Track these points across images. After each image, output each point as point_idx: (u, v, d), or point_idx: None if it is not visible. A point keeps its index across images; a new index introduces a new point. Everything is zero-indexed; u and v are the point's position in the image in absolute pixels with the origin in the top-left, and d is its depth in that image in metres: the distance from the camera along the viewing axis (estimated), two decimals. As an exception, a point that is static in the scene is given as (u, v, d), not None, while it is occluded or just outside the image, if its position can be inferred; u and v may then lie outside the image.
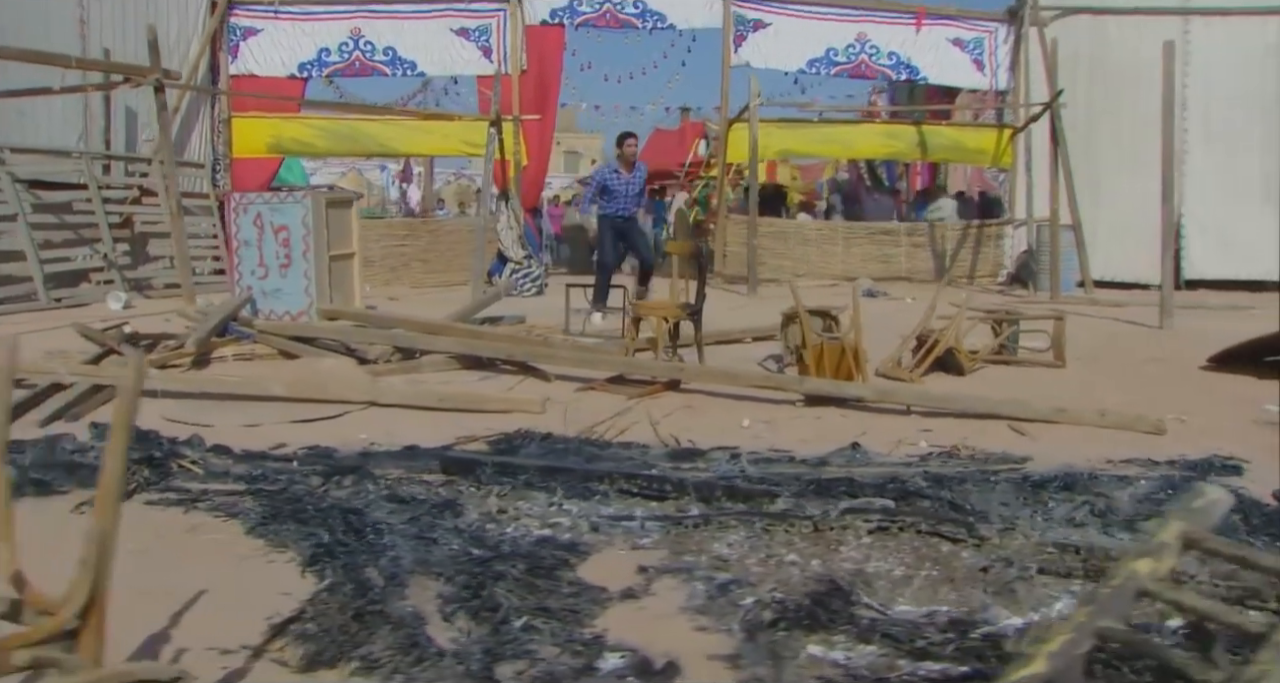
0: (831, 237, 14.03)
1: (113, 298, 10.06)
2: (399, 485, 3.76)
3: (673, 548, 3.02)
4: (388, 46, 13.01)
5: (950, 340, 6.03)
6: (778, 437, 4.83)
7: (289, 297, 8.81)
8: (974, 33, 13.73)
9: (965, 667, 2.17)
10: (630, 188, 9.54)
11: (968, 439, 4.70)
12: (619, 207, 9.51)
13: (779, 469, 4.05)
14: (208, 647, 2.38)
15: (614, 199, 9.50)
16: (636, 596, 2.64)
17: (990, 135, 13.85)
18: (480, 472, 3.81)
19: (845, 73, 13.83)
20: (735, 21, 13.30)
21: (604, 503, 3.50)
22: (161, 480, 3.90)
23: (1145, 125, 13.39)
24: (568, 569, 2.81)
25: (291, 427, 5.00)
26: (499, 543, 3.05)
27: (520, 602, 2.57)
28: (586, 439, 4.60)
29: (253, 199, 9.51)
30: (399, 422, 5.07)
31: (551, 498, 3.49)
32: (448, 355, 6.26)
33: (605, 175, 9.76)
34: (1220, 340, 7.59)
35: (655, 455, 4.35)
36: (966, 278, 13.75)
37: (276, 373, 5.71)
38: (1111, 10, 13.46)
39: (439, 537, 3.10)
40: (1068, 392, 5.71)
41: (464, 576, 2.75)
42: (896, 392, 5.31)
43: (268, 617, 2.55)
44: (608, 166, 10.05)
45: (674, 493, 3.51)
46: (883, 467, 4.13)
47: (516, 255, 11.70)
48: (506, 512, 3.38)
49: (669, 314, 6.07)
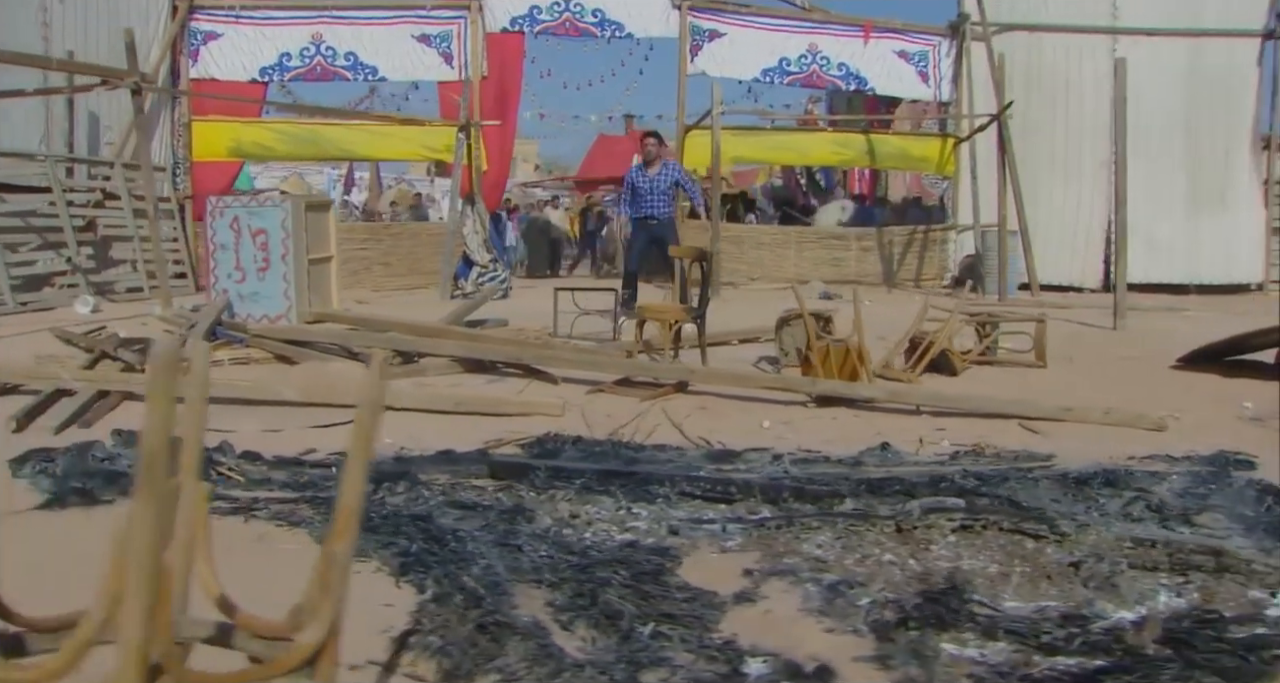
0: (784, 241, 14.30)
1: (80, 302, 9.76)
2: (453, 491, 3.76)
3: (762, 550, 3.09)
4: (349, 52, 12.87)
5: (944, 342, 6.22)
6: (800, 437, 4.94)
7: (267, 300, 8.66)
8: (918, 46, 14.13)
9: (1100, 661, 2.28)
10: (656, 185, 9.37)
11: (984, 438, 4.88)
12: (646, 207, 9.40)
13: (821, 470, 4.16)
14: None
15: (640, 199, 9.41)
16: (752, 599, 2.69)
17: (935, 144, 14.27)
18: (533, 476, 3.83)
19: (798, 82, 14.14)
20: (691, 31, 13.48)
21: (670, 506, 3.55)
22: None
23: (1077, 137, 14.06)
24: (671, 574, 2.86)
25: (313, 432, 4.94)
26: (586, 549, 3.09)
27: (637, 608, 2.60)
28: (619, 442, 4.65)
29: (230, 202, 9.31)
30: (420, 426, 5.04)
31: (618, 502, 3.53)
32: (450, 359, 6.23)
33: (633, 175, 9.58)
34: (1173, 340, 8.00)
35: (693, 457, 4.42)
36: (912, 281, 14.15)
37: (284, 377, 5.61)
38: (1046, 27, 14.00)
39: (522, 544, 3.12)
40: (1057, 391, 5.94)
41: (570, 583, 2.77)
42: (907, 393, 5.47)
43: (381, 630, 2.53)
44: (635, 167, 9.83)
45: (739, 495, 3.59)
46: (918, 466, 4.27)
47: (482, 259, 11.65)
48: (579, 517, 3.41)
49: (673, 316, 6.15)
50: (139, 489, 1.26)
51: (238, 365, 6.50)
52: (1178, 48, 13.59)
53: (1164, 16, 13.66)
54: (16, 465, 4.09)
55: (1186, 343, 7.70)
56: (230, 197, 9.89)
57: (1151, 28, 13.66)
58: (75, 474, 3.93)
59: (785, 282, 13.60)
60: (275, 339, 6.59)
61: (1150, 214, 13.77)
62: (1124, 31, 13.73)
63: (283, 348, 6.39)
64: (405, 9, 13.06)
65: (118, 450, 4.34)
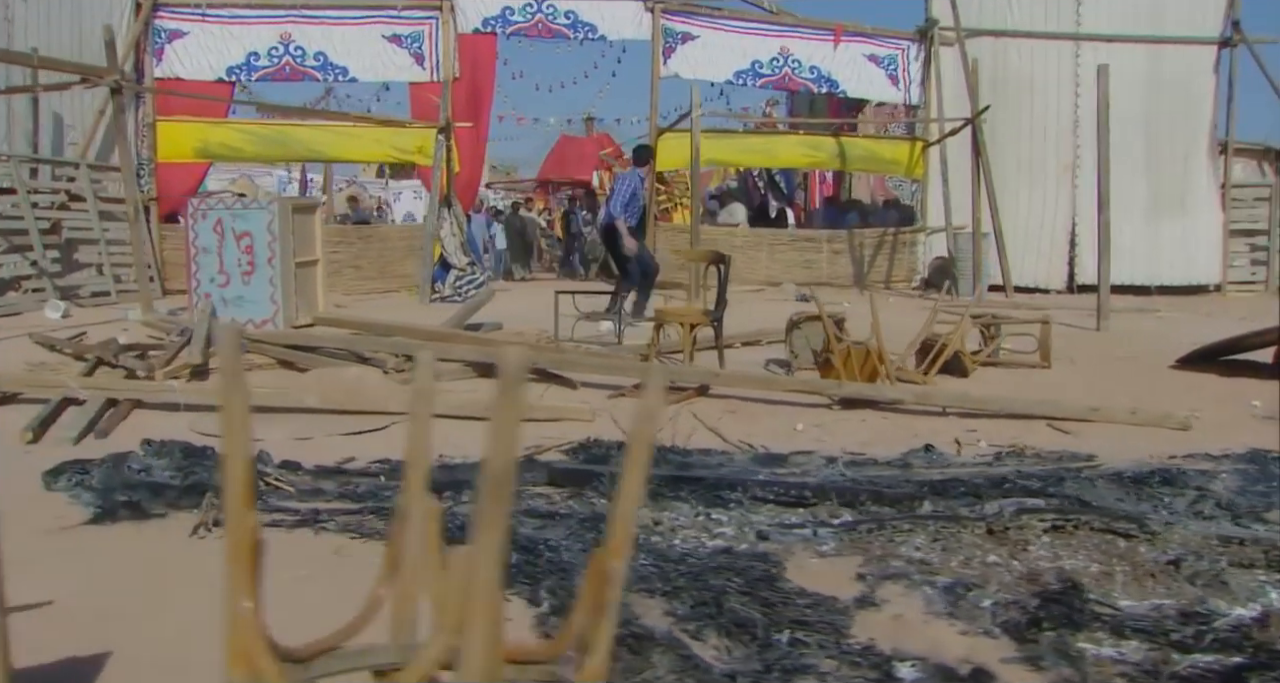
0: (757, 243, 14.37)
1: (50, 307, 9.44)
2: (520, 500, 3.69)
3: (860, 554, 3.08)
4: (318, 52, 12.62)
5: (957, 344, 6.29)
6: (836, 439, 4.96)
7: (252, 304, 8.47)
8: (888, 50, 14.29)
9: (1239, 658, 2.31)
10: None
11: (1016, 439, 4.94)
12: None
13: (873, 472, 4.17)
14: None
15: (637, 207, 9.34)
16: (875, 603, 2.68)
17: (904, 147, 14.45)
18: (598, 483, 3.78)
19: (770, 85, 14.22)
20: (664, 34, 13.47)
21: (745, 511, 3.53)
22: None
23: (1041, 141, 14.33)
24: (783, 579, 2.84)
25: (344, 440, 4.83)
26: (683, 556, 3.05)
27: (764, 616, 2.58)
28: (665, 446, 4.61)
29: (212, 204, 9.10)
30: (453, 432, 4.94)
31: (695, 508, 3.50)
32: (462, 363, 6.14)
33: (637, 183, 9.30)
34: (1160, 340, 8.21)
35: (742, 461, 4.41)
36: (883, 283, 14.29)
37: (303, 383, 5.46)
38: (1011, 33, 14.24)
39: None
40: (1066, 391, 6.04)
41: (686, 592, 2.73)
42: (934, 395, 5.52)
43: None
44: (636, 175, 9.48)
45: (814, 499, 3.58)
46: (965, 467, 4.30)
47: (460, 262, 11.53)
48: (660, 523, 3.37)
49: (691, 319, 6.13)
50: (484, 514, 1.20)
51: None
52: (1138, 54, 13.93)
53: (1125, 23, 13.98)
54: (51, 478, 3.93)
55: (1174, 343, 7.90)
56: (213, 198, 9.65)
57: (1112, 34, 13.98)
58: (114, 487, 3.78)
59: (758, 284, 13.71)
60: (277, 344, 6.42)
61: (1114, 217, 14.08)
62: (1086, 38, 14.01)
63: (286, 353, 6.22)
64: (376, 9, 12.86)
65: (151, 461, 4.18)
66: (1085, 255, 14.22)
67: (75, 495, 3.77)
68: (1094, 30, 14.04)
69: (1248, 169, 14.48)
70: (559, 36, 13.57)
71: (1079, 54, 14.10)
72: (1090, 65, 14.16)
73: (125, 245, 11.60)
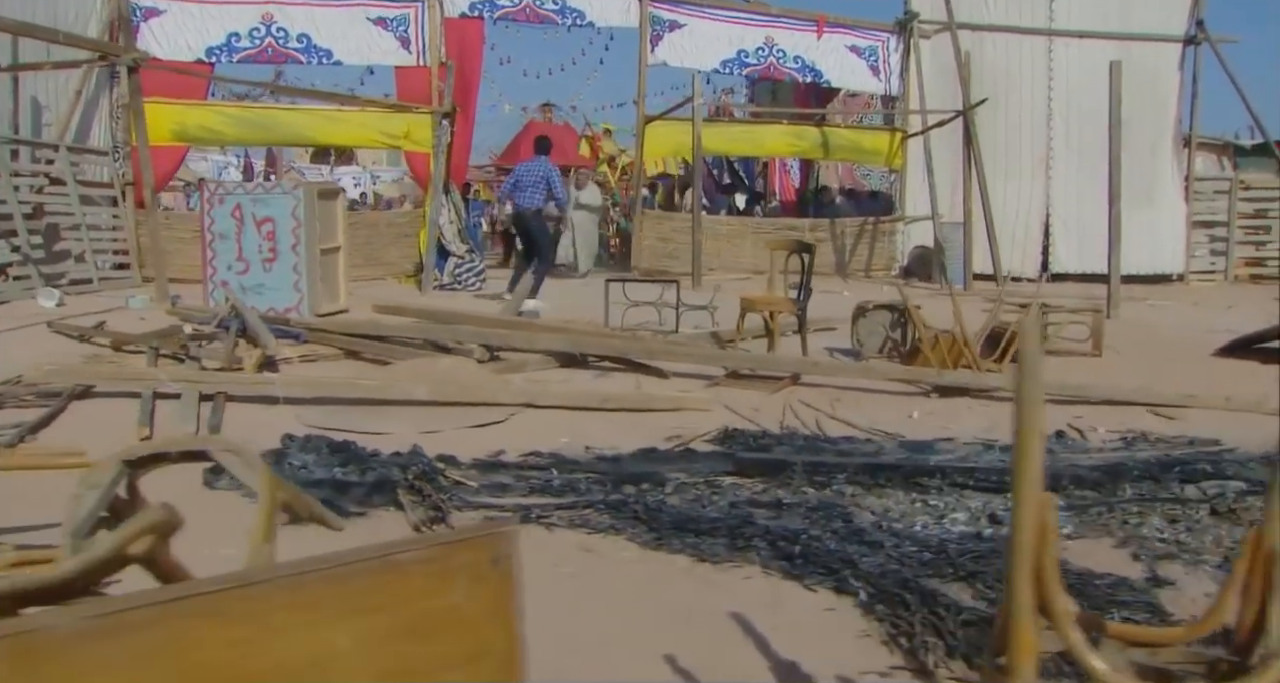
0: (741, 232, 14.44)
1: (44, 295, 8.99)
2: (729, 491, 3.65)
3: (1107, 535, 3.13)
4: (301, 34, 12.20)
5: (1026, 333, 6.40)
6: (955, 426, 5.02)
7: (274, 293, 8.22)
8: (868, 41, 14.48)
9: None
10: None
11: (1121, 423, 5.08)
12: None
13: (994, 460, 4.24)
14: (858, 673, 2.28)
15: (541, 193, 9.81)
16: (1170, 582, 2.73)
17: (884, 138, 14.66)
18: (790, 472, 3.77)
19: (755, 74, 14.29)
20: (652, 21, 13.41)
21: (945, 496, 3.55)
22: (430, 496, 3.60)
23: (1016, 133, 14.70)
24: (1065, 562, 2.87)
25: (472, 432, 4.71)
26: (942, 541, 3.06)
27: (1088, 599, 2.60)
28: (812, 435, 4.62)
29: (231, 189, 8.76)
30: (578, 424, 4.87)
31: (910, 495, 3.51)
32: (544, 353, 6.04)
33: (548, 171, 9.87)
34: (1178, 329, 8.53)
35: (890, 448, 4.43)
36: (863, 272, 14.51)
37: (405, 375, 5.28)
38: (987, 27, 14.56)
39: (880, 540, 3.06)
40: (1130, 377, 6.21)
41: (981, 575, 2.74)
42: (1032, 382, 5.61)
43: (859, 634, 2.46)
44: (544, 163, 10.02)
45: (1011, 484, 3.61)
46: (1104, 452, 4.40)
47: (459, 249, 11.32)
48: (889, 511, 3.38)
49: (777, 308, 6.13)
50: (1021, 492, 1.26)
51: (306, 362, 6.12)
52: (1108, 51, 14.35)
53: (1095, 20, 14.41)
54: (213, 475, 3.74)
55: (1191, 331, 8.26)
56: (231, 182, 9.29)
57: (1083, 31, 14.40)
58: (302, 485, 3.62)
59: (744, 273, 13.78)
60: (341, 334, 6.22)
61: (1084, 208, 14.56)
62: (1059, 33, 14.41)
63: (353, 343, 6.02)
64: (361, -10, 12.50)
65: (306, 458, 4.01)
66: (1060, 245, 14.67)
67: (247, 492, 3.60)
68: (1066, 26, 14.44)
69: (1208, 163, 15.10)
70: (547, 22, 13.40)
71: (1052, 49, 14.50)
72: (1063, 60, 14.61)
73: (100, 231, 11.12)
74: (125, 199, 11.90)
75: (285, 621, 1.40)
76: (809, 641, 2.40)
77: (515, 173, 10.28)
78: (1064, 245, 14.67)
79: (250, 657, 1.38)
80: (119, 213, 11.65)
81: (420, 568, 1.53)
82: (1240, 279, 14.45)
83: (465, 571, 1.60)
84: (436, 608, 1.55)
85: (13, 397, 5.01)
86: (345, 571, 1.46)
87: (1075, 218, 14.64)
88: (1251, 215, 14.53)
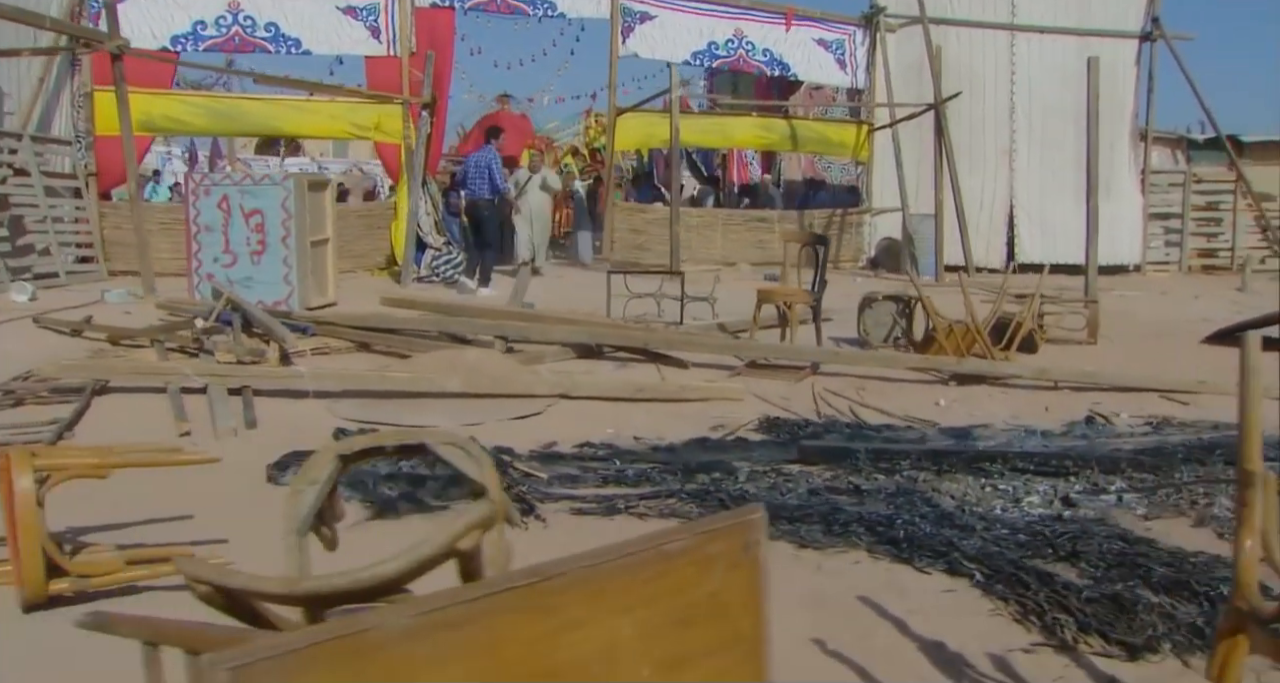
0: (711, 223, 14.53)
1: (17, 289, 8.70)
2: (800, 479, 3.69)
3: (1179, 515, 3.23)
4: (269, 22, 11.94)
5: (1030, 322, 6.56)
6: (981, 413, 5.12)
7: (263, 285, 8.05)
8: (835, 35, 14.63)
9: None
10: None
11: (1139, 409, 5.22)
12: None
13: (1066, 443, 4.35)
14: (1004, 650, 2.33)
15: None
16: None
17: (851, 130, 14.84)
18: (854, 459, 3.82)
19: (725, 66, 14.34)
20: (623, 13, 13.39)
21: (1013, 481, 3.63)
22: (511, 488, 3.58)
23: (980, 127, 14.98)
24: (1154, 545, 2.96)
25: (513, 424, 4.68)
26: (1029, 524, 3.13)
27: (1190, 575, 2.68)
28: (853, 423, 4.68)
29: (217, 180, 8.55)
30: (618, 415, 4.87)
31: (981, 480, 3.58)
32: (561, 345, 6.02)
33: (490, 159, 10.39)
34: (1149, 318, 8.80)
35: (933, 435, 4.51)
36: (832, 263, 14.64)
37: (428, 367, 5.21)
38: (950, 22, 14.80)
39: (973, 524, 3.12)
40: (1128, 364, 6.41)
41: (1086, 556, 2.81)
42: (1048, 370, 5.75)
43: (987, 613, 2.51)
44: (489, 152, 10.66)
45: (1073, 468, 3.71)
46: (1136, 437, 4.53)
47: (436, 242, 11.20)
48: (967, 496, 3.44)
49: (794, 299, 6.19)
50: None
51: (319, 356, 6.02)
52: (1068, 46, 14.70)
53: (1055, 16, 14.74)
54: (278, 471, 3.68)
55: (1170, 319, 8.52)
56: (217, 173, 9.08)
57: (1044, 26, 14.71)
58: (363, 480, 3.57)
59: (714, 264, 13.84)
60: (355, 327, 6.13)
61: (1047, 200, 14.91)
62: (1021, 28, 14.70)
63: (361, 335, 5.92)
64: (329, -22, 12.27)
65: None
66: (1024, 237, 14.99)
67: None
68: (1028, 22, 14.74)
69: (1162, 157, 15.54)
70: (518, 13, 13.29)
71: (1014, 44, 14.79)
72: (1025, 55, 14.91)
73: (63, 223, 10.78)
74: (89, 190, 11.57)
75: (579, 615, 1.40)
76: (942, 620, 2.45)
77: (465, 163, 10.54)
78: (1028, 236, 14.99)
79: (551, 651, 1.37)
80: (82, 204, 11.32)
81: (687, 557, 1.54)
82: (1193, 269, 14.92)
83: (723, 558, 1.61)
84: (700, 596, 1.56)
85: (29, 393, 4.86)
86: (628, 562, 1.46)
87: (1038, 209, 14.98)
88: (1204, 207, 15.01)
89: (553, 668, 1.36)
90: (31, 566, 2.26)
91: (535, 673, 1.35)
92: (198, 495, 3.41)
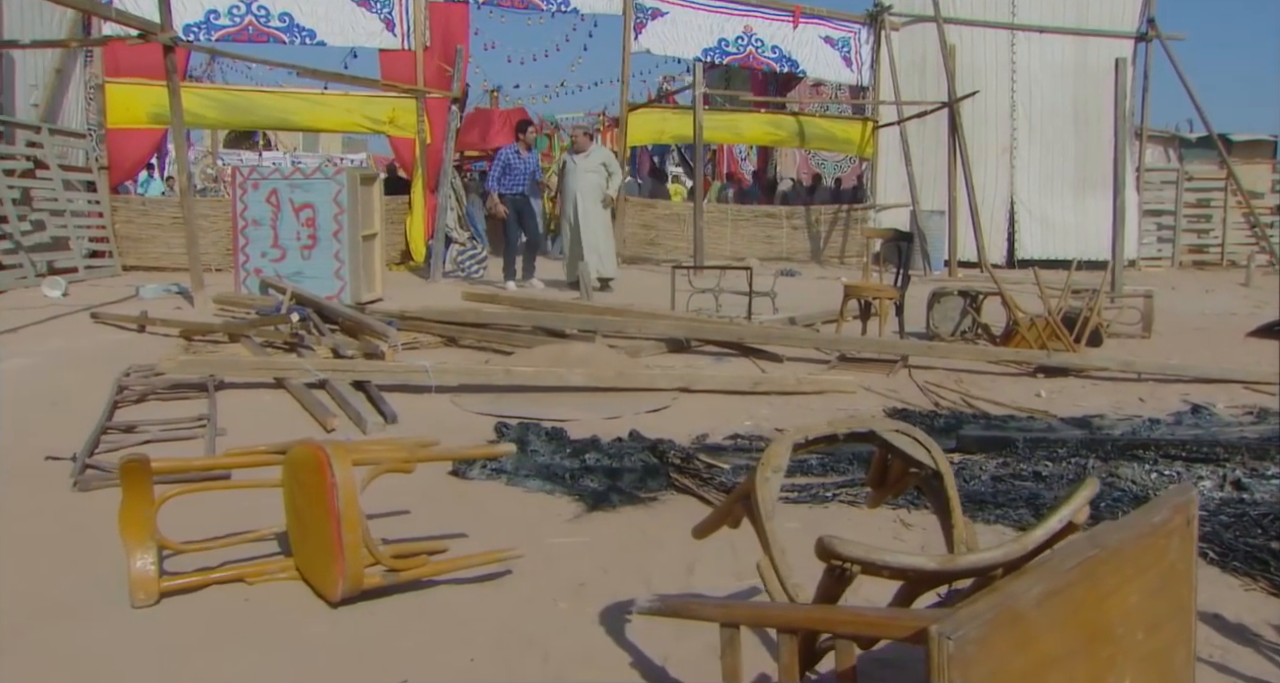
0: (721, 219, 14.64)
1: (49, 284, 8.58)
2: (971, 467, 3.79)
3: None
4: (283, 12, 11.82)
5: (1096, 317, 6.75)
6: (1082, 404, 5.28)
7: (313, 280, 8.02)
8: (841, 32, 14.81)
9: None
10: (526, 167, 10.30)
11: (1230, 400, 5.42)
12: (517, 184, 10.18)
13: (1187, 432, 4.51)
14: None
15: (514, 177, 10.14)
16: None
17: (856, 127, 15.03)
18: (1014, 447, 3.94)
19: (735, 63, 14.47)
20: (635, 9, 13.46)
21: (1174, 467, 3.77)
22: (711, 480, 3.64)
23: (981, 124, 15.25)
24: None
25: (645, 417, 4.73)
26: (1219, 506, 3.27)
27: None
28: (978, 413, 4.80)
29: (265, 173, 8.45)
30: (744, 407, 4.96)
31: (1145, 467, 3.72)
32: (655, 340, 6.09)
33: (509, 156, 10.25)
34: (1182, 312, 9.05)
35: (1056, 424, 4.65)
36: (837, 258, 14.90)
37: (540, 360, 5.23)
38: (953, 21, 15.04)
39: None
40: (1187, 357, 6.62)
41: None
42: (1133, 362, 5.93)
43: (1239, 587, 2.64)
44: (509, 148, 10.44)
45: (1226, 455, 3.86)
46: (1245, 426, 4.71)
47: (460, 236, 11.17)
48: (1138, 482, 3.58)
49: (882, 294, 6.30)
50: None
51: (410, 351, 6.02)
52: (1067, 45, 15.03)
53: (1054, 16, 15.05)
54: (464, 465, 3.70)
55: (1195, 313, 8.77)
56: (265, 167, 8.99)
57: (1043, 25, 15.01)
58: (528, 472, 3.62)
59: (723, 259, 13.97)
60: (438, 322, 6.14)
61: (1046, 196, 15.24)
62: (1020, 28, 14.99)
63: (449, 330, 5.92)
64: (345, -32, 12.16)
65: (539, 446, 3.99)
66: (1024, 232, 15.30)
67: (516, 482, 3.58)
68: (1027, 21, 15.04)
69: (1155, 155, 15.94)
70: (531, 8, 13.29)
71: (1014, 43, 15.08)
72: (1025, 54, 15.22)
73: (78, 216, 10.60)
74: (102, 183, 11.38)
75: (1113, 583, 1.49)
76: (1203, 594, 2.56)
77: (496, 158, 10.56)
78: (1028, 233, 15.30)
79: (1098, 616, 1.47)
80: (96, 198, 11.13)
81: (1166, 529, 1.64)
82: (1185, 265, 15.35)
83: (1176, 532, 1.71)
84: (1166, 566, 1.66)
85: (150, 390, 4.82)
86: (1133, 534, 1.56)
87: (1039, 206, 15.30)
88: (1195, 204, 15.43)
89: (1096, 632, 1.46)
90: (354, 558, 2.29)
91: (1091, 636, 1.45)
92: (392, 492, 3.43)
